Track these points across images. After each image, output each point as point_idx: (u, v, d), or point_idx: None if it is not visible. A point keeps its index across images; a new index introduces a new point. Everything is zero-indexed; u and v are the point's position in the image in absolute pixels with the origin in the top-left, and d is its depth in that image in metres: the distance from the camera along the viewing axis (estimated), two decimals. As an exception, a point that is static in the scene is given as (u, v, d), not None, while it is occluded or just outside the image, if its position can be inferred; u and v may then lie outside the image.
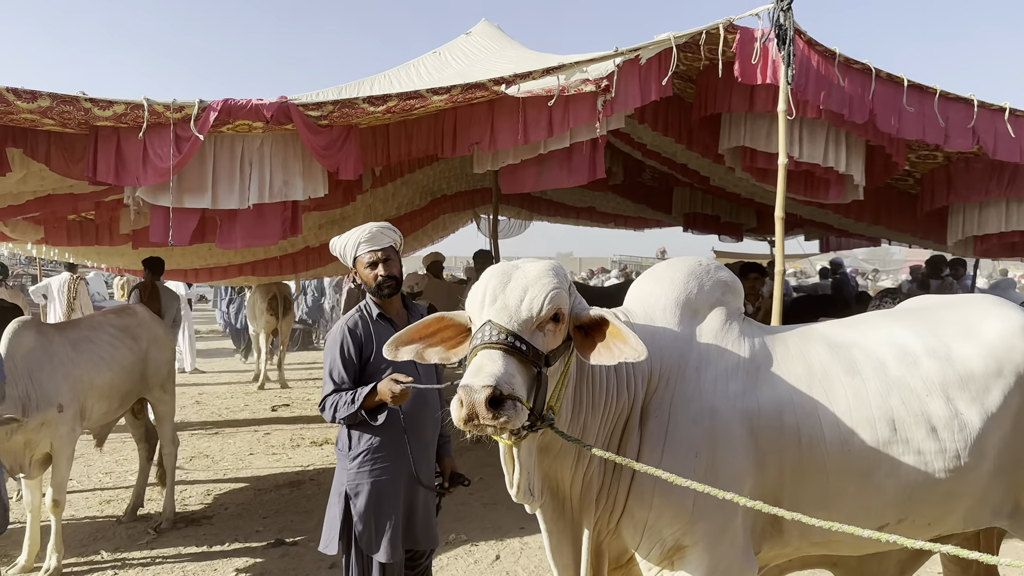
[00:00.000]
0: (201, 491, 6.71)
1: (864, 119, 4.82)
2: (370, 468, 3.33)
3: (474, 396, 2.04)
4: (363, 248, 3.33)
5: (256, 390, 11.69)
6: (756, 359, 2.78)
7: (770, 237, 12.95)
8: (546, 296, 2.31)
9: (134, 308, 6.24)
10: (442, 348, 2.61)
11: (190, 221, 4.37)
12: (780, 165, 4.35)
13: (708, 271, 2.87)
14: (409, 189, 10.27)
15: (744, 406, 2.67)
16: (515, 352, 2.19)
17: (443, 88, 4.43)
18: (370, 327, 3.36)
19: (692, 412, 2.63)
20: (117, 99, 3.96)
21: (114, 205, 6.89)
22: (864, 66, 4.80)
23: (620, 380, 2.63)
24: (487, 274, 2.43)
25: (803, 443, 2.68)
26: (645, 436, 2.63)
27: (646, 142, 7.42)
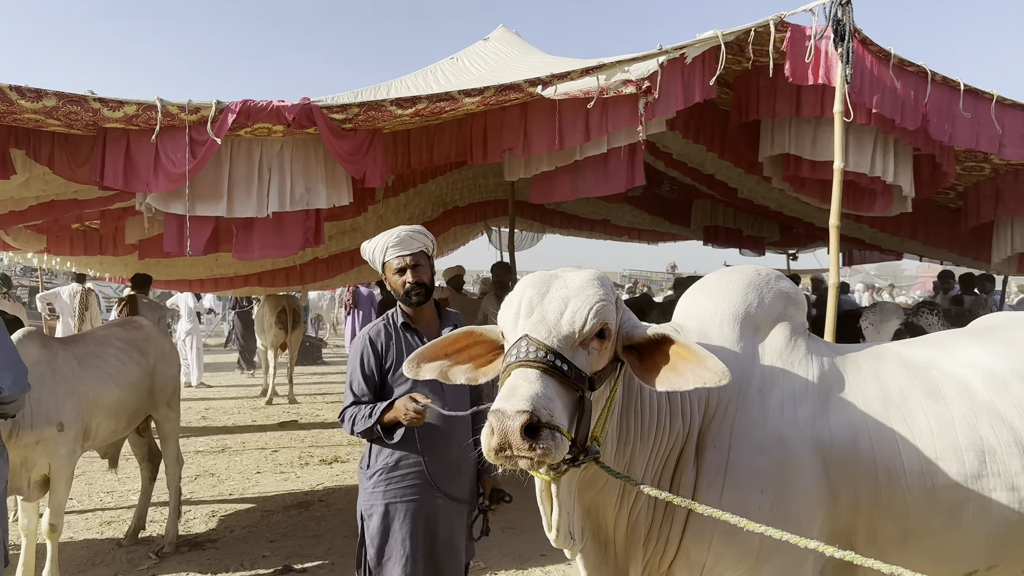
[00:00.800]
0: (206, 512, 6.40)
1: (916, 125, 4.54)
2: (384, 488, 3.12)
3: (507, 423, 1.76)
4: (392, 253, 3.12)
5: (264, 405, 11.39)
6: (826, 381, 2.48)
7: (791, 251, 12.69)
8: (590, 309, 2.03)
9: (140, 322, 5.96)
10: (470, 367, 2.35)
11: (205, 229, 4.10)
12: (836, 170, 4.06)
13: (768, 281, 2.58)
14: (421, 200, 10.02)
15: (815, 434, 2.37)
16: (555, 372, 1.91)
17: (475, 90, 4.15)
18: (392, 337, 3.16)
19: (757, 441, 2.34)
20: (128, 99, 3.69)
21: (119, 213, 6.65)
22: (919, 68, 4.52)
23: (673, 406, 2.34)
24: (522, 283, 2.15)
25: (880, 475, 2.38)
26: (703, 469, 2.34)
27: (672, 151, 7.14)
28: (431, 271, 3.20)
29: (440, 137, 5.38)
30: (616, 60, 4.17)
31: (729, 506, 2.20)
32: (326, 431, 9.64)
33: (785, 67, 4.36)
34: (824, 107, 4.68)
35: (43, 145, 4.23)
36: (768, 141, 5.32)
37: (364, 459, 3.23)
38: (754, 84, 5.08)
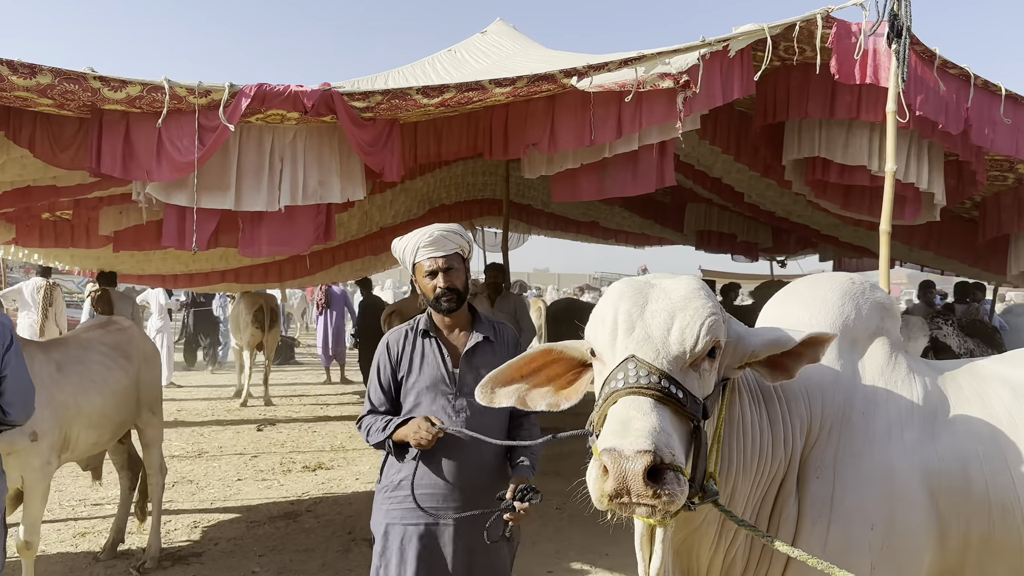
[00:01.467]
0: (187, 523, 6.02)
1: (959, 130, 4.38)
2: (388, 507, 2.89)
3: (626, 465, 1.51)
4: (423, 253, 2.85)
5: (239, 407, 10.95)
6: (930, 402, 2.25)
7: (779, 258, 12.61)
8: (702, 324, 1.79)
9: (122, 323, 5.49)
10: (549, 390, 2.08)
11: (209, 223, 3.76)
12: (888, 173, 3.86)
13: (863, 291, 2.36)
14: (407, 197, 9.71)
15: (923, 462, 2.15)
16: (670, 400, 1.66)
17: (507, 79, 3.87)
18: (410, 343, 2.93)
19: (864, 470, 2.10)
20: (132, 79, 3.34)
21: (94, 203, 6.24)
22: (962, 71, 4.36)
23: (776, 431, 2.10)
24: (615, 293, 1.89)
25: (994, 509, 2.16)
26: (806, 502, 2.10)
27: (680, 152, 6.92)
28: (466, 275, 2.93)
29: (449, 130, 5.08)
30: (656, 51, 3.92)
31: (837, 544, 2.02)
32: (306, 436, 9.27)
33: (831, 64, 4.15)
34: (861, 109, 4.51)
35: (24, 126, 3.86)
36: (794, 144, 5.12)
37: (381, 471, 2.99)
38: (783, 84, 4.88)
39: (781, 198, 7.30)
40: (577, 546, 5.54)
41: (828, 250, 10.62)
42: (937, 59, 4.23)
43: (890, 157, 3.83)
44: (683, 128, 4.08)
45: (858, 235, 7.95)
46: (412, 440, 2.69)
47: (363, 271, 12.10)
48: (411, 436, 2.69)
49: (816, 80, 4.55)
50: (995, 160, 5.24)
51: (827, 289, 2.37)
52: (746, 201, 7.79)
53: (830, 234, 8.69)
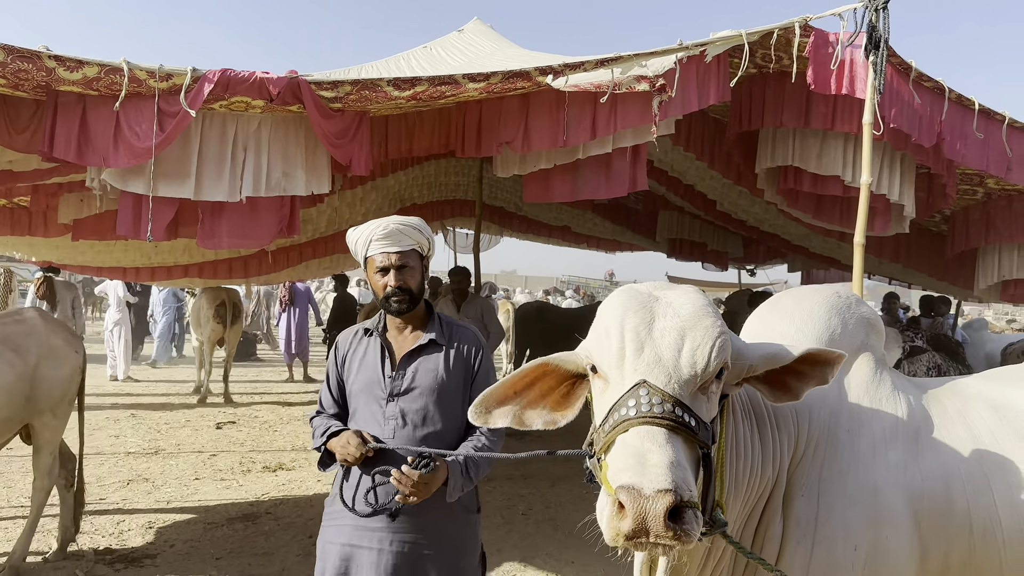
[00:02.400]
0: (142, 523, 5.82)
1: (932, 142, 4.38)
2: (325, 523, 2.73)
3: (647, 506, 1.43)
4: (376, 247, 2.61)
5: (196, 404, 10.71)
6: (915, 421, 2.23)
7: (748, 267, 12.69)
8: (713, 346, 1.71)
9: (23, 313, 4.98)
10: (546, 407, 1.96)
11: (167, 212, 3.61)
12: (863, 185, 3.84)
13: (849, 306, 2.33)
14: (378, 195, 9.57)
15: (907, 482, 2.12)
16: (682, 429, 1.58)
17: (481, 75, 3.78)
18: (356, 343, 2.75)
19: (849, 490, 2.07)
20: (90, 59, 3.19)
21: (53, 190, 6.03)
22: (936, 84, 4.37)
23: (766, 448, 2.06)
24: (618, 307, 1.79)
25: (975, 530, 2.13)
26: (790, 521, 2.06)
27: (654, 158, 6.89)
28: (422, 274, 2.70)
29: (421, 126, 5.00)
30: (633, 53, 3.86)
31: (820, 564, 1.99)
32: (266, 435, 9.08)
33: (808, 74, 4.12)
34: (836, 119, 4.50)
35: (-25, 109, 3.69)
36: (768, 152, 5.11)
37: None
38: (758, 91, 4.86)
39: (753, 207, 7.30)
40: (543, 552, 5.47)
41: (797, 260, 10.69)
42: (913, 72, 4.23)
43: (866, 169, 3.82)
44: (658, 132, 4.02)
45: (828, 246, 7.99)
46: (338, 455, 2.55)
47: (332, 268, 11.92)
48: (338, 450, 2.55)
49: (792, 89, 4.53)
50: (965, 174, 5.27)
51: (813, 303, 2.33)
52: (718, 209, 7.79)
53: (801, 244, 8.74)
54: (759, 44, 4.23)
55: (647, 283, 1.94)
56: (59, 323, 5.23)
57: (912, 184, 4.94)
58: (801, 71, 4.18)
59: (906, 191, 4.86)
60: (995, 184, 5.42)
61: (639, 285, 1.92)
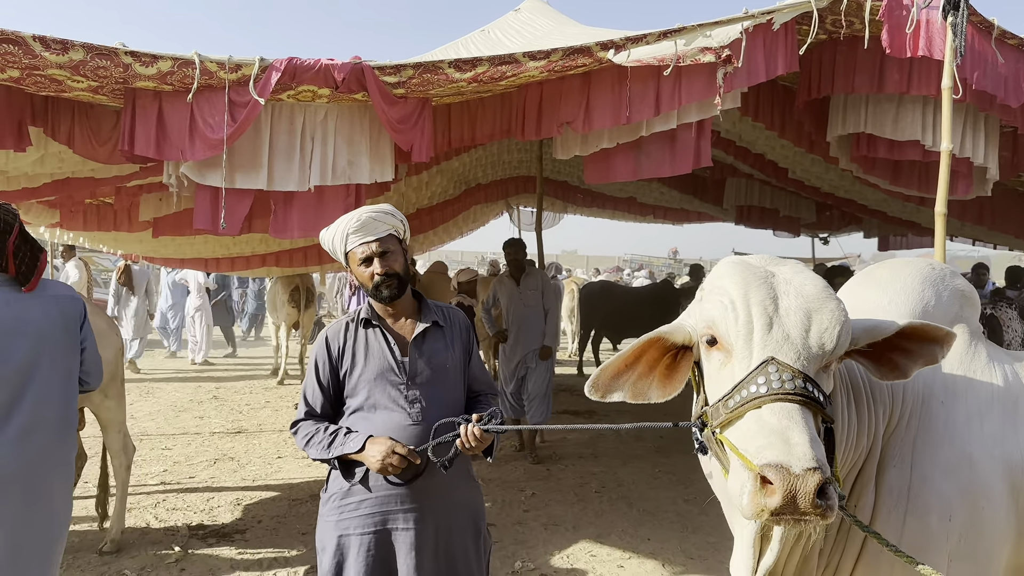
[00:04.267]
0: (230, 499, 6.07)
1: (1019, 102, 4.15)
2: (337, 518, 2.61)
3: (797, 484, 1.46)
4: (354, 240, 2.62)
5: (275, 385, 11.08)
6: (1012, 393, 2.18)
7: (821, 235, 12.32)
8: (840, 327, 1.72)
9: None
10: (655, 379, 1.97)
11: (243, 204, 3.73)
12: (943, 152, 3.67)
13: (943, 278, 2.28)
14: (444, 178, 9.66)
15: (1004, 454, 2.07)
16: (813, 404, 1.60)
17: (541, 52, 3.77)
18: (351, 335, 2.68)
19: (943, 461, 2.03)
20: (163, 53, 3.30)
21: (135, 191, 6.32)
22: (1021, 41, 4.14)
23: (861, 420, 2.04)
24: (739, 279, 1.79)
25: None
26: (882, 491, 2.04)
27: (721, 128, 6.76)
28: (404, 257, 2.70)
29: (483, 112, 4.99)
30: (697, 24, 3.78)
31: (913, 535, 1.97)
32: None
33: (882, 38, 3.96)
34: (912, 83, 4.31)
35: (62, 121, 3.89)
36: (839, 119, 4.94)
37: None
38: (828, 58, 4.68)
39: (827, 173, 7.08)
40: (618, 529, 5.50)
41: (873, 226, 10.32)
42: (995, 30, 4.02)
43: (946, 135, 3.65)
44: (723, 105, 3.94)
45: (907, 210, 7.71)
46: (376, 467, 2.44)
47: (402, 254, 12.10)
48: (374, 464, 2.43)
49: (864, 54, 4.36)
50: (1051, 132, 4.99)
51: (907, 274, 2.29)
52: (790, 177, 7.58)
53: (879, 208, 8.43)
54: (828, 10, 4.08)
55: (754, 256, 1.93)
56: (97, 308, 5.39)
57: (996, 145, 4.72)
58: (874, 35, 4.02)
59: (990, 153, 4.64)
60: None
61: (749, 257, 1.92)
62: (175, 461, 7.09)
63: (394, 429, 2.54)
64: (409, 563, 2.54)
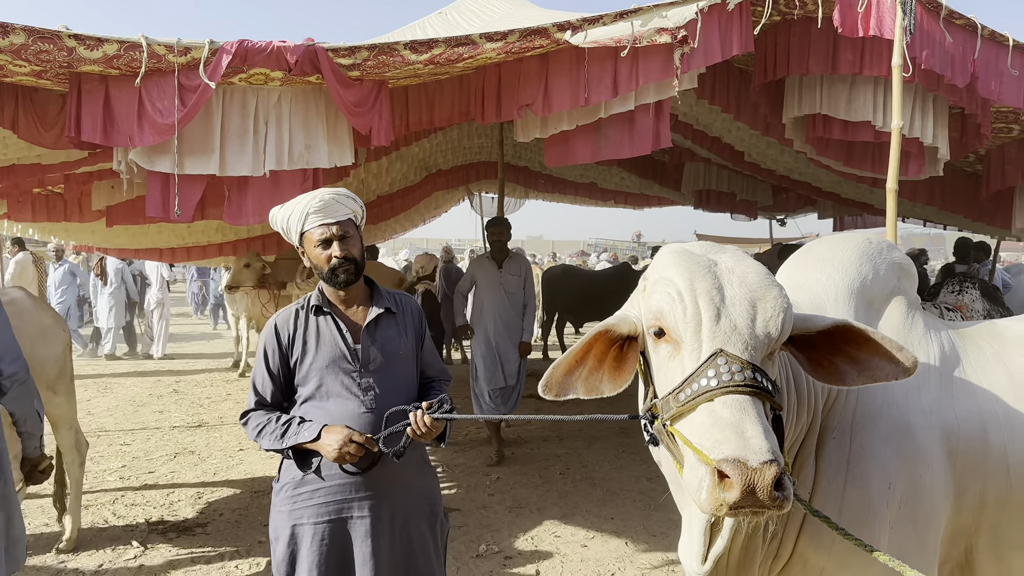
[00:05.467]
0: (191, 494, 5.99)
1: (965, 82, 4.24)
2: (291, 507, 2.58)
3: (755, 478, 1.46)
4: (313, 220, 2.57)
5: (236, 378, 10.93)
6: (949, 362, 2.22)
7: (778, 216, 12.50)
8: (784, 314, 1.72)
9: (10, 293, 4.90)
10: (605, 373, 1.95)
11: (195, 191, 3.65)
12: (894, 129, 3.74)
13: (881, 251, 2.31)
14: (404, 164, 9.58)
15: (942, 422, 2.12)
16: (763, 394, 1.61)
17: (498, 34, 3.74)
18: (302, 322, 2.63)
19: (883, 430, 2.07)
20: (108, 36, 3.21)
21: (85, 178, 6.15)
22: (968, 21, 4.22)
23: (801, 396, 2.07)
24: (684, 269, 1.77)
25: (1012, 471, 2.14)
26: (823, 463, 2.07)
27: (679, 112, 6.79)
28: (361, 243, 2.68)
29: (441, 95, 4.95)
30: (653, 4, 3.79)
31: (853, 504, 1.99)
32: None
33: (834, 17, 4.01)
34: (864, 63, 4.38)
35: (5, 106, 3.77)
36: (795, 101, 4.99)
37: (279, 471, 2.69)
38: (783, 40, 4.73)
39: (782, 156, 7.17)
40: (582, 510, 5.55)
41: (828, 207, 10.48)
42: (943, 10, 4.09)
43: (896, 113, 3.72)
44: (680, 86, 3.95)
45: (860, 191, 7.85)
46: (333, 456, 2.40)
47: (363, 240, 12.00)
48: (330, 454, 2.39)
49: (817, 34, 4.42)
50: (1000, 112, 5.12)
51: (844, 249, 2.32)
52: (746, 160, 7.67)
53: (832, 191, 8.57)
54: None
55: (694, 244, 1.92)
56: (44, 303, 5.21)
57: (946, 126, 4.82)
58: (827, 15, 4.07)
59: (940, 133, 4.73)
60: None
61: (690, 246, 1.91)
62: (134, 456, 6.96)
63: (348, 417, 2.51)
64: (365, 551, 2.53)
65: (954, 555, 2.20)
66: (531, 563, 4.72)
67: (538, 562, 4.73)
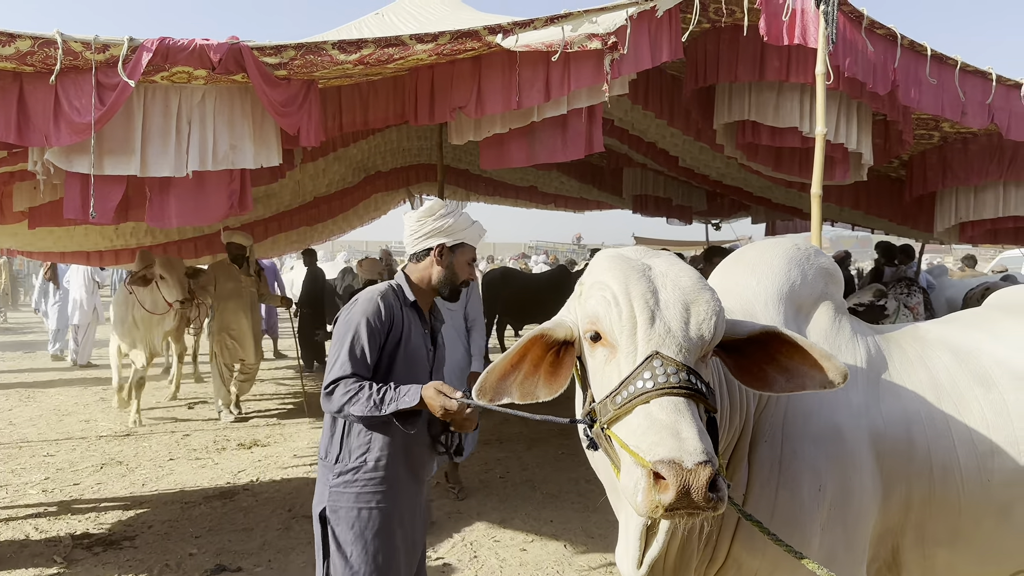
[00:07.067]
0: (118, 505, 5.80)
1: (887, 90, 4.38)
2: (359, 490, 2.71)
3: (690, 479, 1.47)
4: (475, 241, 2.96)
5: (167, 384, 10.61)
6: (874, 365, 2.28)
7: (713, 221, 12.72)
8: (716, 317, 1.75)
9: None
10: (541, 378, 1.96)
11: (114, 192, 3.52)
12: (818, 135, 3.85)
13: (808, 257, 2.37)
14: (341, 165, 9.46)
15: (869, 423, 2.17)
16: (698, 396, 1.63)
17: (428, 35, 3.71)
18: (401, 312, 2.81)
19: (812, 432, 2.12)
20: (21, 32, 3.09)
21: (5, 179, 5.88)
22: (889, 31, 4.36)
23: (734, 399, 2.10)
24: (619, 274, 1.79)
25: (935, 470, 2.21)
26: (755, 465, 2.11)
27: (614, 117, 6.86)
28: None
29: (375, 96, 4.90)
30: (584, 10, 3.81)
31: (785, 506, 2.03)
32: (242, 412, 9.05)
33: (760, 26, 4.10)
34: (790, 71, 4.49)
35: (-86, 103, 3.57)
36: (724, 107, 5.09)
37: (328, 449, 2.76)
38: (712, 47, 4.82)
39: (714, 162, 7.30)
40: (522, 513, 5.54)
41: (760, 212, 10.72)
42: (865, 20, 4.22)
43: (820, 119, 3.83)
44: (611, 92, 3.98)
45: (790, 196, 8.04)
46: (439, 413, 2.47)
47: (299, 243, 11.80)
48: (437, 409, 2.47)
49: (745, 42, 4.51)
50: (921, 119, 5.29)
51: (773, 255, 2.37)
52: (681, 165, 7.79)
53: (763, 196, 8.77)
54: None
55: (628, 249, 1.95)
56: None
57: (869, 132, 4.97)
58: (753, 23, 4.16)
59: (863, 139, 4.88)
60: (950, 128, 5.46)
61: (625, 250, 1.93)
62: (58, 468, 6.70)
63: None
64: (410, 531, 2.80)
65: (882, 554, 2.26)
66: (470, 569, 4.70)
67: (477, 568, 4.71)
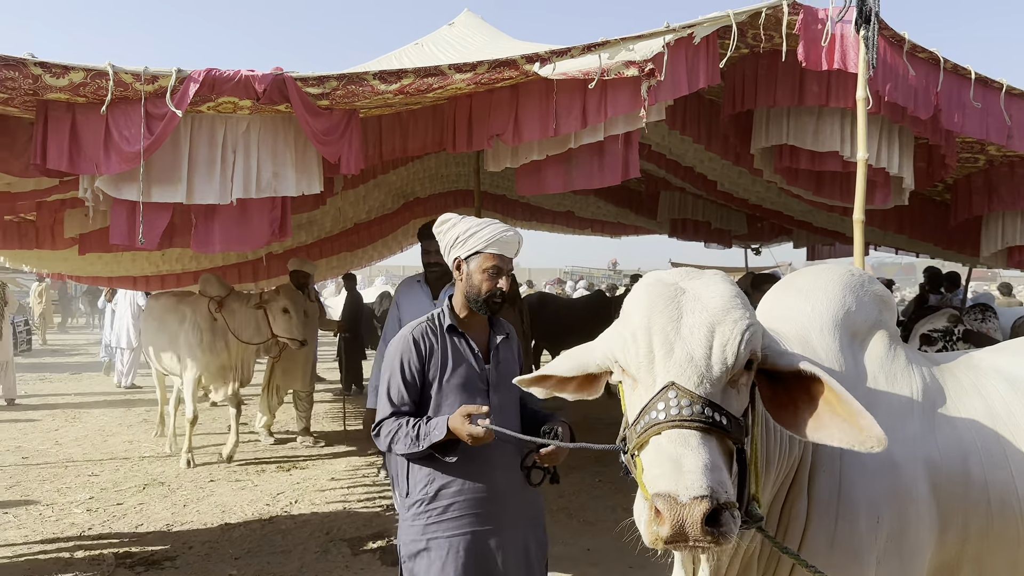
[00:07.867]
0: (159, 525, 5.89)
1: (929, 114, 4.33)
2: (425, 522, 2.69)
3: (683, 513, 1.45)
4: (494, 248, 2.72)
5: (209, 406, 10.76)
6: (930, 395, 2.23)
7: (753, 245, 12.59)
8: (742, 339, 1.69)
9: None
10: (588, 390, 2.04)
11: (161, 219, 3.63)
12: (859, 160, 3.81)
13: (863, 283, 2.34)
14: (381, 192, 9.60)
15: (925, 455, 2.12)
16: (715, 429, 1.58)
17: (467, 65, 3.77)
18: (438, 339, 2.76)
19: (868, 464, 2.07)
20: (75, 64, 3.20)
21: (57, 206, 6.09)
22: (931, 55, 4.31)
23: None
24: (645, 304, 1.77)
25: (993, 502, 2.15)
26: (815, 497, 2.06)
27: (651, 142, 6.87)
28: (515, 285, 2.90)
29: (414, 124, 4.98)
30: (620, 38, 3.84)
31: (844, 538, 2.00)
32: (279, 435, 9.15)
33: (798, 51, 4.08)
34: (830, 95, 4.45)
35: (-28, 135, 3.73)
36: (763, 131, 5.06)
37: (399, 482, 2.79)
38: (751, 72, 4.80)
39: (754, 185, 7.26)
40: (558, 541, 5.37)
41: (802, 236, 10.60)
42: (906, 44, 4.18)
43: (862, 145, 3.79)
44: (648, 118, 4.00)
45: (832, 220, 7.94)
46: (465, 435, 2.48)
47: (339, 268, 11.97)
48: (463, 435, 2.48)
49: (784, 67, 4.49)
50: (966, 142, 5.21)
51: (827, 281, 2.34)
52: (719, 189, 7.75)
53: (804, 219, 8.68)
54: (748, 24, 4.19)
55: (672, 271, 1.91)
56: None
57: (911, 156, 4.90)
58: (792, 49, 4.14)
59: (905, 163, 4.81)
60: (996, 151, 5.36)
61: (664, 274, 1.90)
62: (102, 488, 6.84)
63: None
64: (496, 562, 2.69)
65: None
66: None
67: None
